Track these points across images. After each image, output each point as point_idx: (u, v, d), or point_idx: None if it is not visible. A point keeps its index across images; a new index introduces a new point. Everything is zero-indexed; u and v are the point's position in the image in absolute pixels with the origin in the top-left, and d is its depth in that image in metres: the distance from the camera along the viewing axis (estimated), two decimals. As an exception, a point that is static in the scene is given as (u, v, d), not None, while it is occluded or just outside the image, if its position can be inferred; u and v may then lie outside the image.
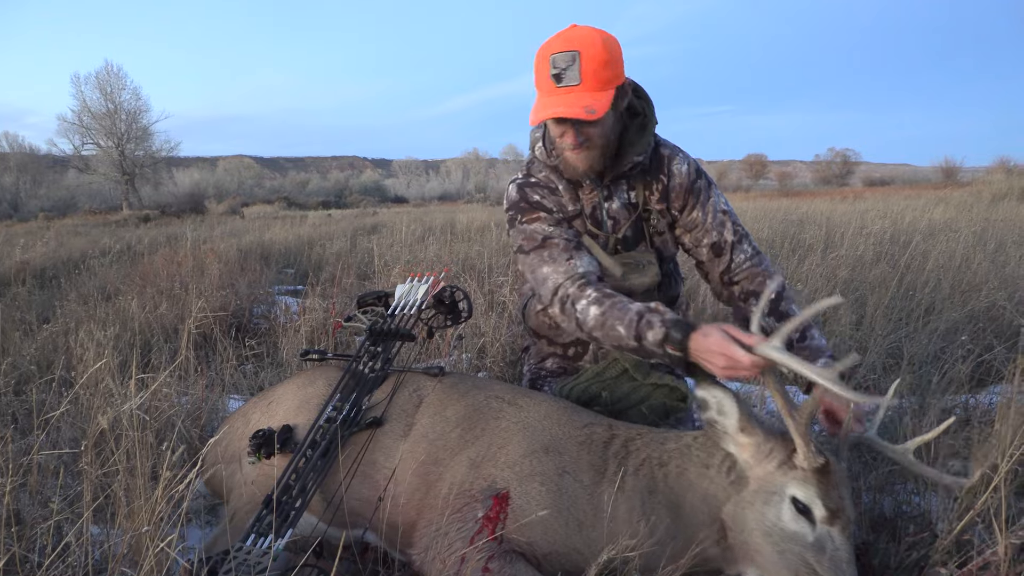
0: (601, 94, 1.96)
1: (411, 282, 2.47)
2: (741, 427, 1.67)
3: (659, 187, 2.28)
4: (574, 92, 1.95)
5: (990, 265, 4.85)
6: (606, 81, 1.95)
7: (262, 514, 1.72)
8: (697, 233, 2.32)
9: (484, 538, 1.58)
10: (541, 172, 2.31)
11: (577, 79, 1.93)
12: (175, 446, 1.74)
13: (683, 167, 2.28)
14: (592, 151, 2.11)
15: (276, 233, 10.56)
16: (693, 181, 2.28)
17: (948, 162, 42.42)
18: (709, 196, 2.30)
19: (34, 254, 7.96)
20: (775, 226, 8.04)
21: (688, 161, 2.30)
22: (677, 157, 2.29)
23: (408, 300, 2.39)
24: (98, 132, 33.58)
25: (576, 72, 1.93)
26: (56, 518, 1.73)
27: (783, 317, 2.11)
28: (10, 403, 2.81)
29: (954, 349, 3.14)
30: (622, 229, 2.29)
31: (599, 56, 1.92)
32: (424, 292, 2.41)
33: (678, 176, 2.27)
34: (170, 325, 4.11)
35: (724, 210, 2.31)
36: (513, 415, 1.93)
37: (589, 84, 1.94)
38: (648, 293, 2.27)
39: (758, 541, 1.59)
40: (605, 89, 1.96)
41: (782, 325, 1.59)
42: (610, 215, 2.29)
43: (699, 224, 2.30)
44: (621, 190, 2.29)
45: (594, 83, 1.94)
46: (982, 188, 15.26)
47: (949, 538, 1.76)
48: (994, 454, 1.86)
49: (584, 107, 1.93)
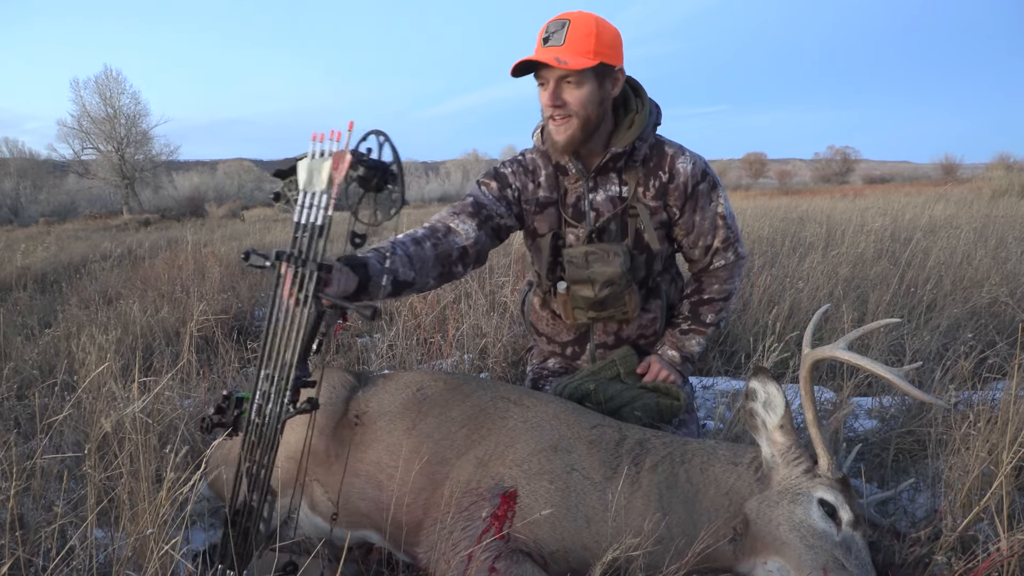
0: (580, 57, 2.04)
1: (313, 152, 1.50)
2: (781, 425, 1.73)
3: (656, 183, 2.28)
4: (552, 50, 2.06)
5: (991, 261, 4.84)
6: (588, 50, 2.05)
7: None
8: (693, 236, 2.37)
9: (491, 537, 1.58)
10: (531, 155, 2.42)
11: (562, 40, 2.06)
12: (178, 449, 1.74)
13: (687, 166, 2.28)
14: (569, 122, 2.15)
15: (277, 236, 10.56)
16: (696, 183, 2.29)
17: (948, 159, 42.44)
18: (711, 200, 2.33)
19: (35, 259, 7.97)
20: (775, 224, 8.03)
21: (695, 161, 2.29)
22: (682, 156, 2.28)
23: (313, 189, 1.50)
24: (98, 136, 33.54)
25: (562, 36, 2.05)
26: (60, 522, 1.73)
27: (695, 316, 2.47)
28: (13, 407, 2.81)
29: (956, 345, 3.14)
30: (601, 221, 2.33)
31: (587, 28, 2.05)
32: (327, 175, 1.46)
33: (681, 175, 2.27)
34: (171, 328, 4.11)
35: (722, 215, 2.35)
36: (520, 415, 1.93)
37: (571, 47, 2.05)
38: (610, 284, 2.29)
39: (786, 535, 1.63)
40: (585, 55, 2.05)
41: (851, 332, 1.77)
42: (593, 207, 2.33)
43: (696, 227, 2.35)
44: (611, 183, 2.31)
45: (576, 49, 2.04)
46: (982, 185, 15.25)
47: (953, 535, 1.76)
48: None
49: (556, 57, 2.03)
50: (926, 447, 2.40)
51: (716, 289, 2.43)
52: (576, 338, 2.54)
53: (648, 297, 2.45)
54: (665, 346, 2.46)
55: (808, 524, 1.63)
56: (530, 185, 2.37)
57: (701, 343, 2.45)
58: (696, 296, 2.46)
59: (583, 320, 2.42)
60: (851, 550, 1.59)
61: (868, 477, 2.37)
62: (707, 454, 1.83)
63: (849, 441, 2.54)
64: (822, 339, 3.35)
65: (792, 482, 1.69)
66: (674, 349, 2.44)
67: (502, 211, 2.32)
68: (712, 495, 1.75)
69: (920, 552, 1.76)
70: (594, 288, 2.30)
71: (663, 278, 2.51)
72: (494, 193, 2.33)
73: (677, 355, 2.43)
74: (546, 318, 2.56)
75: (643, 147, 2.26)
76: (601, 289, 2.29)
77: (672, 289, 2.55)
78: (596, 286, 2.29)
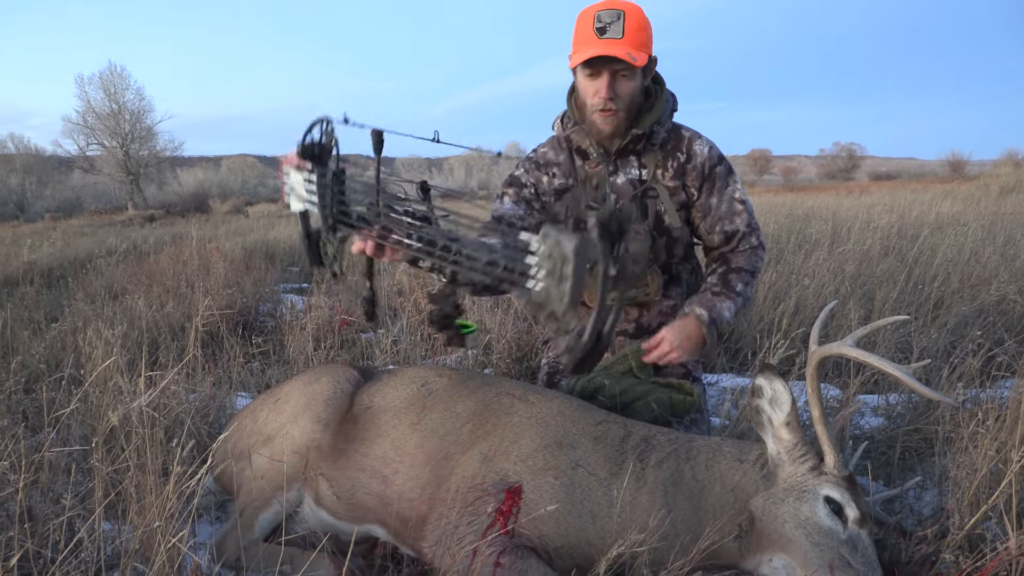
0: (639, 51, 2.11)
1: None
2: (787, 422, 1.73)
3: (674, 164, 2.33)
4: (616, 44, 2.09)
5: (1000, 259, 4.82)
6: (643, 43, 2.12)
7: None
8: (711, 220, 2.38)
9: (496, 532, 1.58)
10: (543, 148, 2.48)
11: (620, 33, 2.09)
12: (184, 443, 1.74)
13: (704, 149, 2.33)
14: (618, 114, 2.21)
15: (281, 231, 10.56)
16: (713, 166, 2.34)
17: (955, 155, 42.24)
18: (727, 184, 2.36)
19: (41, 254, 7.99)
20: (780, 221, 8.01)
21: (711, 145, 2.35)
22: (699, 139, 2.35)
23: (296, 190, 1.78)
24: (102, 132, 33.59)
25: (620, 27, 2.09)
26: (68, 514, 1.74)
27: (724, 283, 2.33)
28: (20, 401, 2.82)
29: (964, 343, 3.12)
30: (622, 203, 2.36)
31: (640, 20, 2.11)
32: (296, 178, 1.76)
33: (699, 156, 2.33)
34: (177, 323, 4.11)
35: (742, 200, 2.37)
36: (525, 411, 1.93)
37: (630, 40, 2.09)
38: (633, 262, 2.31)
39: (791, 532, 1.64)
40: (642, 49, 2.12)
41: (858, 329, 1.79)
42: (613, 190, 2.38)
43: (713, 210, 2.36)
44: (630, 166, 2.35)
45: (634, 42, 2.09)
46: (990, 181, 15.18)
47: (961, 534, 1.76)
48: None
49: (627, 52, 2.07)
50: (933, 445, 2.39)
51: (743, 261, 2.37)
52: None
53: (669, 284, 2.46)
54: (693, 304, 2.28)
55: (814, 521, 1.63)
56: (544, 178, 2.47)
57: (731, 309, 2.30)
58: (723, 267, 2.37)
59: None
60: (857, 548, 1.59)
61: (874, 475, 2.36)
62: (713, 451, 1.83)
63: (855, 438, 2.53)
64: (828, 336, 3.34)
65: (798, 479, 1.69)
66: (703, 308, 2.26)
67: (521, 214, 2.41)
68: (717, 492, 1.75)
69: (927, 550, 1.75)
70: None
71: (684, 267, 2.53)
72: (513, 198, 2.46)
73: (706, 314, 2.24)
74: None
75: (661, 131, 2.32)
76: None
77: (693, 279, 2.57)
78: None
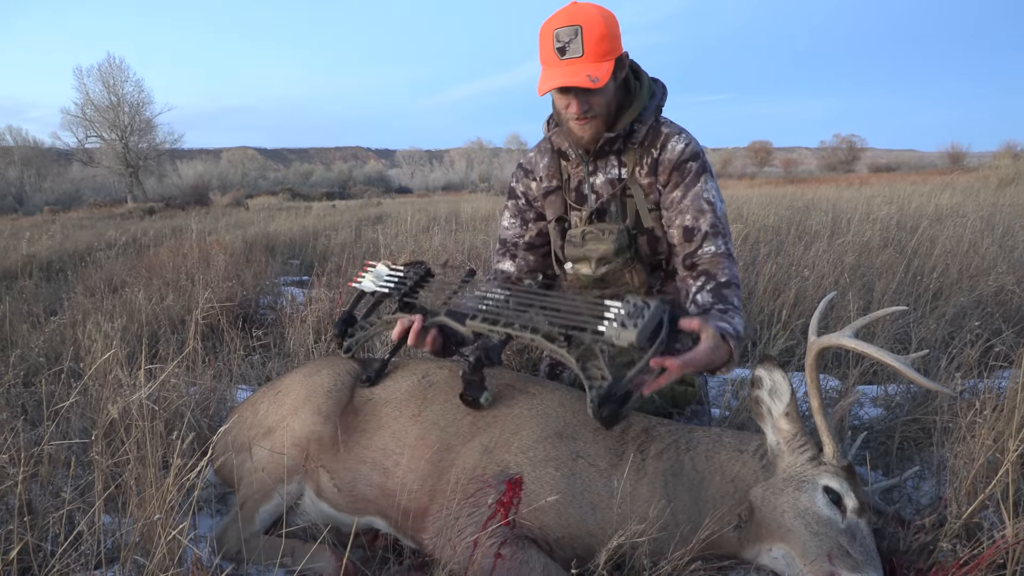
0: (602, 64, 2.06)
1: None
2: (786, 412, 1.74)
3: (648, 160, 2.29)
4: (576, 63, 2.06)
5: (998, 250, 4.83)
6: (606, 52, 2.06)
7: None
8: (672, 213, 2.26)
9: (497, 523, 1.59)
10: (531, 154, 2.50)
11: (580, 51, 2.04)
12: (185, 435, 1.74)
13: (679, 145, 2.24)
14: (595, 120, 2.19)
15: (281, 224, 10.55)
16: (684, 160, 2.23)
17: (954, 147, 42.15)
18: (697, 181, 2.23)
19: (40, 247, 7.98)
20: (781, 212, 8.00)
21: (688, 142, 2.25)
22: (677, 136, 2.26)
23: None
24: (101, 125, 33.53)
25: (579, 45, 2.04)
26: (68, 507, 1.74)
27: (721, 299, 2.12)
28: (20, 394, 2.82)
29: (963, 334, 3.13)
30: (600, 203, 2.36)
31: (599, 30, 2.04)
32: None
33: (669, 152, 2.25)
34: (177, 316, 4.11)
35: (709, 200, 2.23)
36: (526, 402, 1.93)
37: (591, 55, 2.05)
38: (604, 261, 2.33)
39: (790, 522, 1.64)
40: (605, 60, 2.07)
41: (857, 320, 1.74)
42: (593, 189, 2.37)
43: (675, 204, 2.25)
44: (610, 166, 2.33)
45: (595, 54, 2.05)
46: (989, 173, 15.16)
47: (958, 523, 1.76)
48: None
49: (587, 75, 2.03)
50: (931, 435, 2.40)
51: (727, 272, 2.17)
52: None
53: (665, 280, 2.45)
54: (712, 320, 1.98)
55: (813, 511, 1.63)
56: (532, 184, 2.50)
57: (742, 324, 2.06)
58: (712, 282, 2.15)
59: None
60: (856, 537, 1.59)
61: (873, 465, 2.37)
62: (712, 441, 1.83)
63: (854, 429, 2.54)
64: (828, 327, 3.34)
65: (797, 469, 1.70)
66: (723, 322, 2.00)
67: (519, 232, 2.54)
68: (717, 482, 1.76)
69: (925, 539, 1.76)
70: (591, 265, 2.36)
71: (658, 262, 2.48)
72: (512, 212, 2.56)
73: (729, 326, 1.98)
74: None
75: (642, 129, 2.27)
76: (597, 267, 2.35)
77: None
78: (592, 263, 2.35)
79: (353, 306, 2.25)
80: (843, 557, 1.56)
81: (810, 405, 1.73)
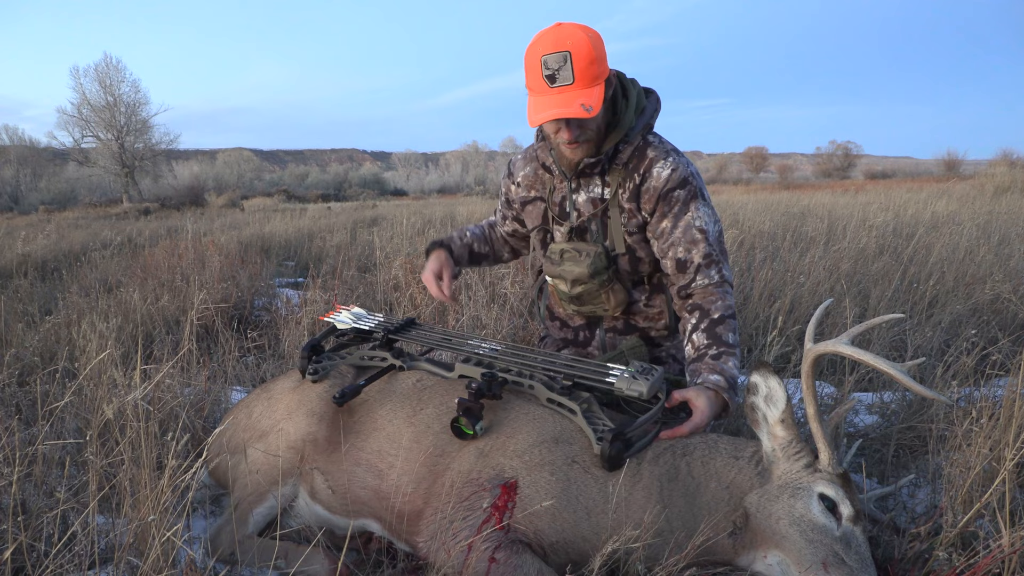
0: (593, 90, 2.01)
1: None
2: (782, 419, 1.73)
3: (631, 185, 2.23)
4: (568, 91, 2.00)
5: (994, 258, 4.84)
6: (595, 76, 2.01)
7: None
8: (663, 244, 2.24)
9: (491, 527, 1.58)
10: (518, 156, 2.54)
11: (571, 78, 1.98)
12: (179, 436, 1.73)
13: (664, 172, 2.18)
14: (587, 144, 2.17)
15: (276, 226, 10.54)
16: (670, 189, 2.18)
17: (950, 155, 42.32)
18: (687, 210, 2.19)
19: (35, 247, 7.95)
20: (776, 219, 8.02)
21: (676, 167, 2.19)
22: (663, 160, 2.19)
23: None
24: (97, 125, 33.41)
25: (569, 71, 1.98)
26: (62, 508, 1.73)
27: (716, 339, 2.10)
28: (14, 394, 2.81)
29: (959, 342, 3.14)
30: (580, 221, 2.34)
31: (588, 54, 1.97)
32: None
33: (654, 179, 2.19)
34: (172, 317, 4.10)
35: (702, 229, 2.18)
36: (522, 406, 1.93)
37: (581, 82, 1.99)
38: (578, 282, 2.37)
39: (785, 529, 1.64)
40: (595, 84, 2.02)
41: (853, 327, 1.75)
42: (576, 207, 2.35)
43: (666, 235, 2.22)
44: (594, 184, 2.30)
45: (585, 80, 1.99)
46: (985, 181, 15.20)
47: (954, 531, 1.76)
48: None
49: (581, 104, 1.98)
50: (927, 443, 2.40)
51: (720, 306, 2.16)
52: (587, 323, 2.60)
53: (652, 293, 2.44)
54: (703, 373, 2.05)
55: (808, 518, 1.63)
56: (512, 187, 2.53)
57: (736, 365, 2.08)
58: (706, 320, 2.14)
59: (569, 311, 2.54)
60: (851, 545, 1.59)
61: (868, 472, 2.37)
62: (708, 447, 1.83)
63: (850, 436, 2.54)
64: (823, 334, 3.35)
65: (793, 476, 1.69)
66: (715, 373, 2.04)
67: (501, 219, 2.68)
68: (713, 488, 1.75)
69: (920, 547, 1.76)
70: (566, 284, 2.40)
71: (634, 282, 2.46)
72: (502, 210, 2.65)
73: (722, 378, 2.01)
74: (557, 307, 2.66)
75: (627, 149, 2.22)
76: (572, 286, 2.39)
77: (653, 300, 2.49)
78: (567, 283, 2.39)
79: (322, 337, 2.31)
80: (838, 565, 1.56)
81: (806, 412, 1.73)
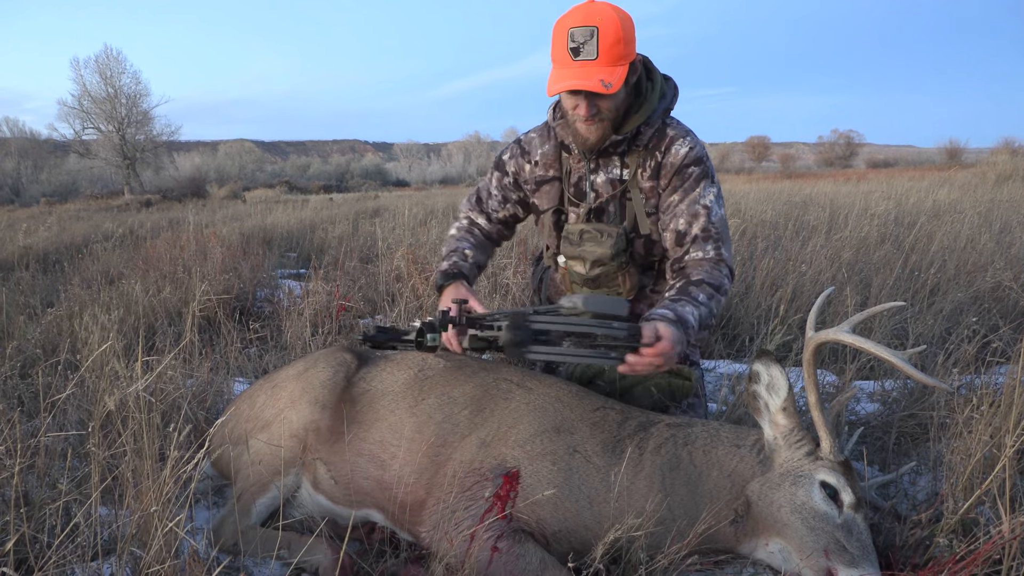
0: (616, 69, 2.01)
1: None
2: (784, 407, 1.74)
3: (652, 163, 2.27)
4: (590, 66, 2.01)
5: (995, 246, 4.83)
6: (620, 56, 2.01)
7: None
8: (667, 216, 2.26)
9: (494, 516, 1.59)
10: (532, 134, 2.47)
11: (594, 54, 1.99)
12: (182, 428, 1.74)
13: (683, 149, 2.23)
14: (603, 123, 2.16)
15: (278, 217, 10.53)
16: (686, 164, 2.23)
17: (952, 143, 42.17)
18: (696, 186, 2.22)
19: (37, 239, 7.96)
20: (778, 208, 8.00)
21: (693, 146, 2.24)
22: (682, 139, 2.25)
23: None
24: (98, 116, 33.39)
25: (594, 47, 1.99)
26: (64, 499, 1.74)
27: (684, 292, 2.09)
28: (16, 386, 2.82)
29: (960, 330, 3.13)
30: (599, 202, 2.34)
31: (616, 32, 1.98)
32: None
33: (672, 156, 2.24)
34: (174, 308, 4.11)
35: (705, 205, 2.21)
36: (523, 396, 1.93)
37: (605, 59, 2.00)
38: (599, 263, 2.35)
39: (787, 517, 1.65)
40: (619, 64, 2.02)
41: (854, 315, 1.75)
42: (593, 187, 2.35)
43: (671, 208, 2.24)
44: (612, 165, 2.31)
45: (609, 58, 2.00)
46: (987, 169, 15.15)
47: (955, 518, 1.77)
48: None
49: (600, 80, 1.99)
50: (928, 430, 2.40)
51: (704, 272, 2.14)
52: None
53: (659, 279, 2.45)
54: (655, 308, 2.03)
55: (810, 506, 1.64)
56: (526, 166, 2.47)
57: (694, 314, 2.01)
58: (682, 280, 2.14)
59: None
60: (852, 532, 1.60)
61: (870, 460, 2.37)
62: (710, 436, 1.83)
63: (851, 424, 2.54)
64: (825, 322, 3.34)
65: (794, 464, 1.70)
66: (664, 309, 2.00)
67: (496, 206, 2.58)
68: (715, 477, 1.76)
69: (921, 534, 1.76)
70: (585, 265, 2.37)
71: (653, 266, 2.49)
72: (496, 182, 2.54)
73: (670, 312, 1.97)
74: (565, 292, 2.62)
75: (648, 131, 2.24)
76: (591, 268, 2.36)
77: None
78: (586, 264, 2.36)
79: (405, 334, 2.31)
80: (839, 552, 1.56)
81: (807, 400, 1.73)
